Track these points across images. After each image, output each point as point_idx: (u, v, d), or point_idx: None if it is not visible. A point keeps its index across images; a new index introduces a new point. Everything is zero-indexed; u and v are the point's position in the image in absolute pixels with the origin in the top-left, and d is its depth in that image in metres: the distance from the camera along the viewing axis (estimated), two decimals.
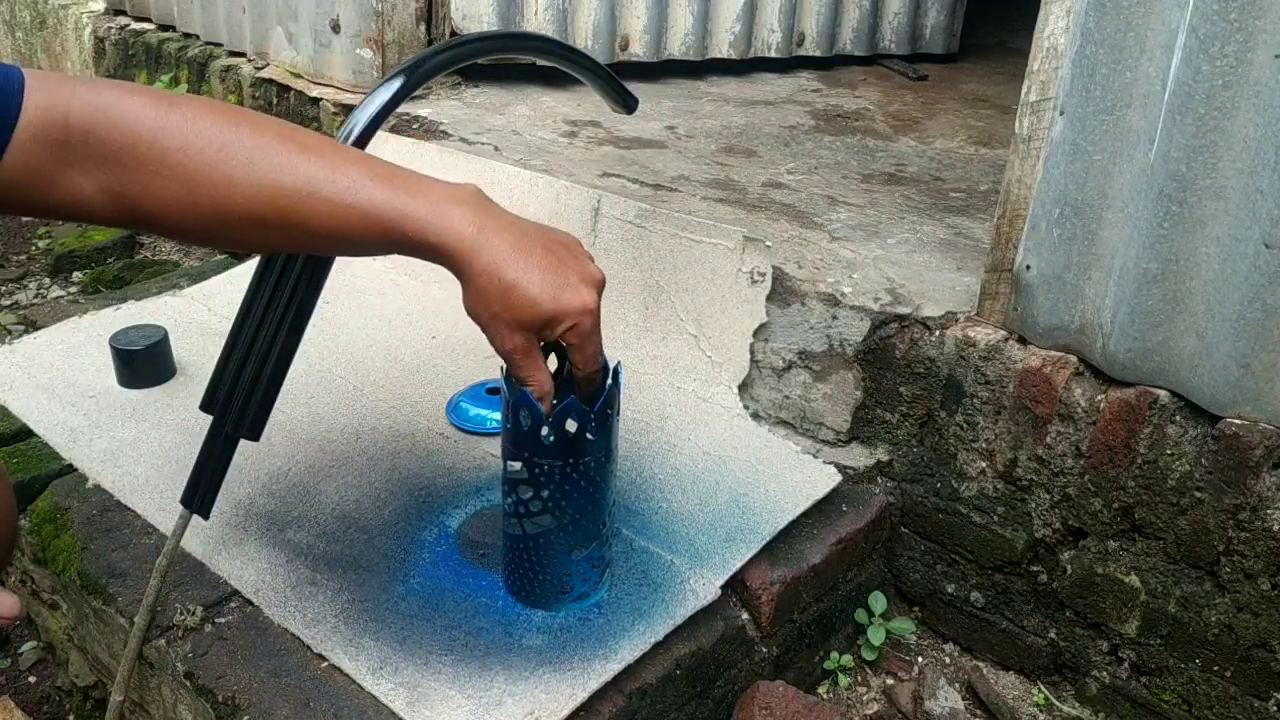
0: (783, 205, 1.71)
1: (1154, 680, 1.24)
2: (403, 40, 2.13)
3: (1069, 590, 1.27)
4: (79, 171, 0.71)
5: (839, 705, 1.31)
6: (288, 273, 0.99)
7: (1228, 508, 1.12)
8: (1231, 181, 1.02)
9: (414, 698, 0.97)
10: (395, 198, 0.76)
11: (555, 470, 0.97)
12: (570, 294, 0.81)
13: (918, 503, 1.38)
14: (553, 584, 1.05)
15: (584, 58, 1.34)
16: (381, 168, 0.78)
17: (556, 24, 2.22)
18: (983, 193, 1.84)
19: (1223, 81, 1.00)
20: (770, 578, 1.19)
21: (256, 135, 0.73)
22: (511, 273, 0.78)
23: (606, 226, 1.58)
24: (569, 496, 0.99)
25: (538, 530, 1.01)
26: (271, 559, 1.13)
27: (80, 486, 1.26)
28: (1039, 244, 1.19)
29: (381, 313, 1.69)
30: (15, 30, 3.29)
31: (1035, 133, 1.17)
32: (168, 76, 2.62)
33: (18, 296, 2.39)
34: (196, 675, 1.02)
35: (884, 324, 1.35)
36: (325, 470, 1.29)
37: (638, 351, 1.54)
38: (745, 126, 2.17)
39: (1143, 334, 1.12)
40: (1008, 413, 1.26)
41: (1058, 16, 1.13)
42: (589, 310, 0.83)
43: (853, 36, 2.72)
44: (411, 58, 1.07)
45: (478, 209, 0.79)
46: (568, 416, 0.94)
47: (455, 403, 1.43)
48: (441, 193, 0.78)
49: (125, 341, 1.44)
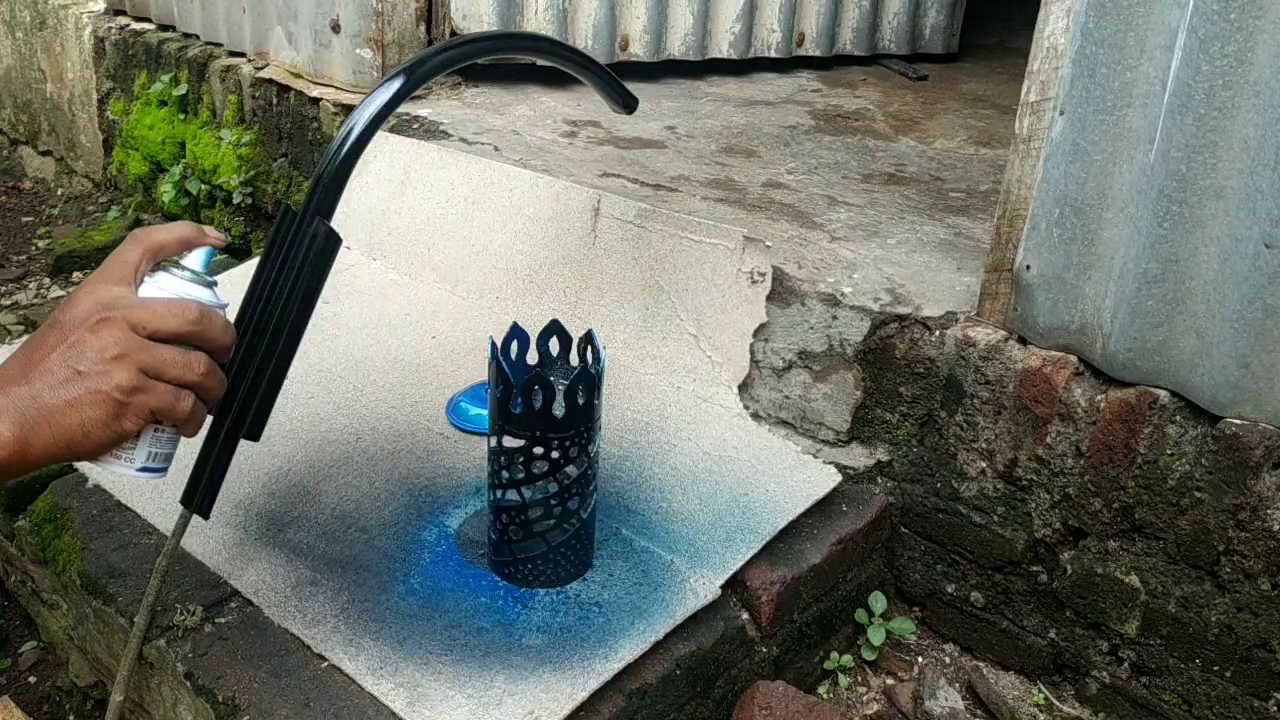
0: (783, 205, 1.71)
1: (1154, 680, 1.24)
2: (403, 40, 2.13)
3: (1069, 590, 1.27)
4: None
5: (839, 705, 1.31)
6: (288, 273, 0.99)
7: (1228, 508, 1.12)
8: (1231, 181, 1.02)
9: (414, 698, 0.97)
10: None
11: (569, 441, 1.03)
12: (82, 412, 0.77)
13: (918, 503, 1.38)
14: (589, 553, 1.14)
15: (584, 58, 1.34)
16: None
17: (556, 24, 2.22)
18: (983, 193, 1.84)
19: (1223, 81, 1.00)
20: (770, 577, 1.19)
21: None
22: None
23: (606, 226, 1.58)
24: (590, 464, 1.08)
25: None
26: (271, 559, 1.13)
27: (80, 486, 1.26)
28: (1039, 244, 1.19)
29: (381, 313, 1.69)
30: (15, 30, 3.29)
31: (1035, 133, 1.17)
32: (167, 77, 2.62)
33: (18, 296, 2.39)
34: (196, 675, 1.02)
35: (884, 324, 1.35)
36: (325, 470, 1.29)
37: (638, 351, 1.54)
38: (745, 126, 2.17)
39: (1143, 334, 1.12)
40: (1008, 413, 1.26)
41: (1058, 16, 1.13)
42: (107, 399, 0.77)
43: (853, 36, 2.72)
44: (411, 58, 1.07)
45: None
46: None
47: (455, 403, 1.43)
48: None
49: None
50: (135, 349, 0.77)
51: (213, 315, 0.83)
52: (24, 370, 0.78)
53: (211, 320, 0.82)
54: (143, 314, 0.79)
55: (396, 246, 1.84)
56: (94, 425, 0.77)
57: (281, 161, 2.32)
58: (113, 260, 0.83)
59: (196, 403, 0.82)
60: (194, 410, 0.82)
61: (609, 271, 1.58)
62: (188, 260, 0.86)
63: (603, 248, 1.58)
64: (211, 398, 0.84)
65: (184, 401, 0.81)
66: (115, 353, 0.77)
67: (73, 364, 0.77)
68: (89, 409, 0.76)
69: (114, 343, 0.77)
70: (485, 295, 1.71)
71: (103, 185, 3.03)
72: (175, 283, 0.84)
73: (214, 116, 2.53)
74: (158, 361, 0.78)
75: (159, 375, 0.79)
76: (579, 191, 1.62)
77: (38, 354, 0.78)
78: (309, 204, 0.99)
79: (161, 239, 0.84)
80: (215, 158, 2.46)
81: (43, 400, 0.76)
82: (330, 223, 1.00)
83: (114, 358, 0.77)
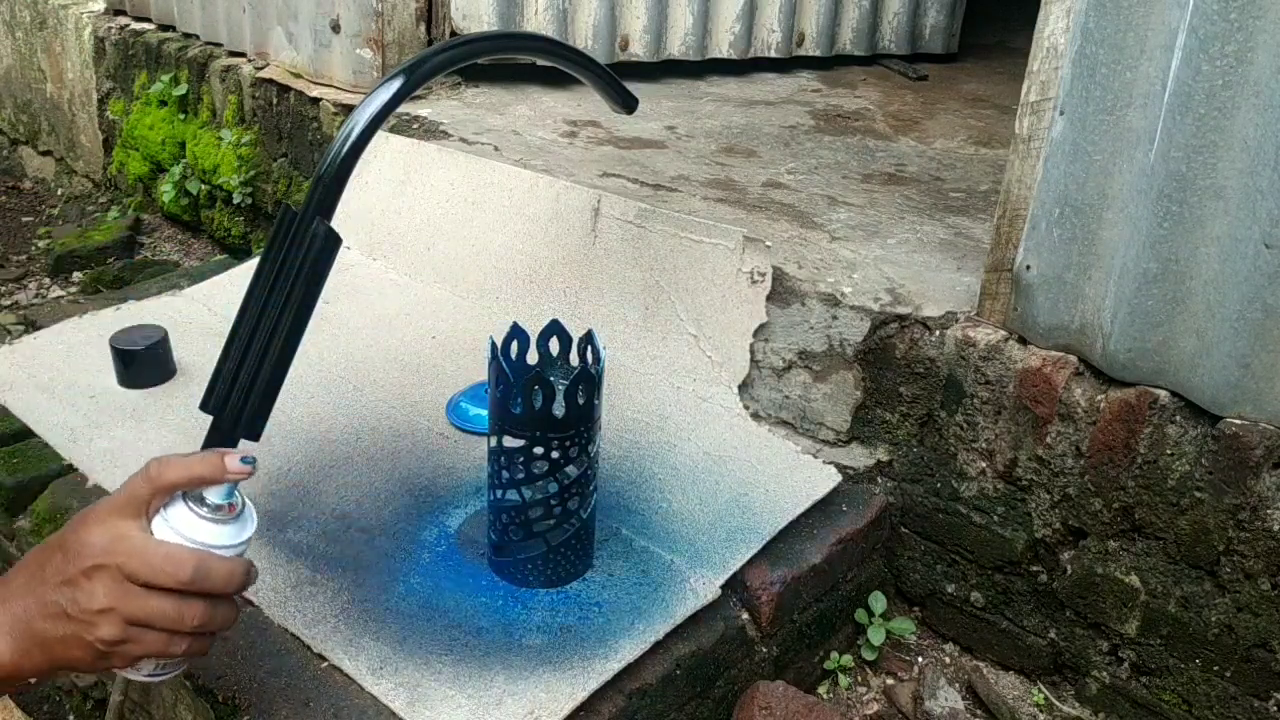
0: (783, 205, 1.71)
1: (1154, 680, 1.24)
2: (403, 40, 2.13)
3: (1069, 590, 1.27)
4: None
5: (839, 705, 1.31)
6: (288, 272, 0.99)
7: (1228, 508, 1.12)
8: (1231, 181, 1.02)
9: (414, 698, 0.97)
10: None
11: (570, 441, 1.03)
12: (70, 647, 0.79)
13: (918, 503, 1.38)
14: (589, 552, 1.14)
15: (584, 58, 1.34)
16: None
17: (556, 24, 2.22)
18: (983, 193, 1.84)
19: (1223, 81, 1.00)
20: (770, 577, 1.19)
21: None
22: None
23: (606, 226, 1.58)
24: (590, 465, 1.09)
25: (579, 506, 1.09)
26: (271, 559, 1.13)
27: (80, 486, 1.26)
28: (1039, 244, 1.19)
29: (382, 313, 1.69)
30: (15, 30, 3.29)
31: (1035, 133, 1.17)
32: (167, 77, 2.62)
33: (18, 296, 2.40)
34: (196, 675, 1.02)
35: (884, 324, 1.35)
36: (325, 470, 1.29)
37: (638, 351, 1.54)
38: (745, 126, 2.17)
39: (1143, 334, 1.12)
40: (1008, 413, 1.26)
41: (1058, 16, 1.13)
42: (90, 647, 0.79)
43: (853, 36, 2.72)
44: (411, 58, 1.07)
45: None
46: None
47: (455, 403, 1.43)
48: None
49: (125, 341, 1.44)
50: (123, 601, 0.78)
51: (210, 567, 0.80)
52: (29, 585, 0.80)
53: (208, 573, 0.80)
54: (136, 564, 0.78)
55: (396, 246, 1.84)
56: (81, 663, 0.80)
57: (281, 161, 2.32)
58: (127, 489, 0.82)
59: (196, 639, 0.82)
60: (191, 646, 0.82)
61: (609, 271, 1.58)
62: (210, 496, 0.83)
63: (603, 248, 1.58)
64: (215, 629, 0.83)
65: (177, 645, 0.80)
66: (102, 605, 0.77)
67: (64, 605, 0.78)
68: (75, 649, 0.78)
69: (104, 594, 0.77)
70: (485, 295, 1.71)
71: (103, 185, 3.03)
72: (187, 521, 0.82)
73: (214, 116, 2.53)
74: (145, 614, 0.78)
75: (147, 625, 0.79)
76: (579, 191, 1.62)
77: (39, 574, 0.80)
78: (309, 204, 0.99)
79: (174, 478, 0.82)
80: (215, 158, 2.46)
81: (36, 627, 0.78)
82: (330, 223, 1.00)
83: (99, 610, 0.77)
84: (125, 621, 0.78)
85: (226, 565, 0.82)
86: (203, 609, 0.80)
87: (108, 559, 0.78)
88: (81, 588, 0.78)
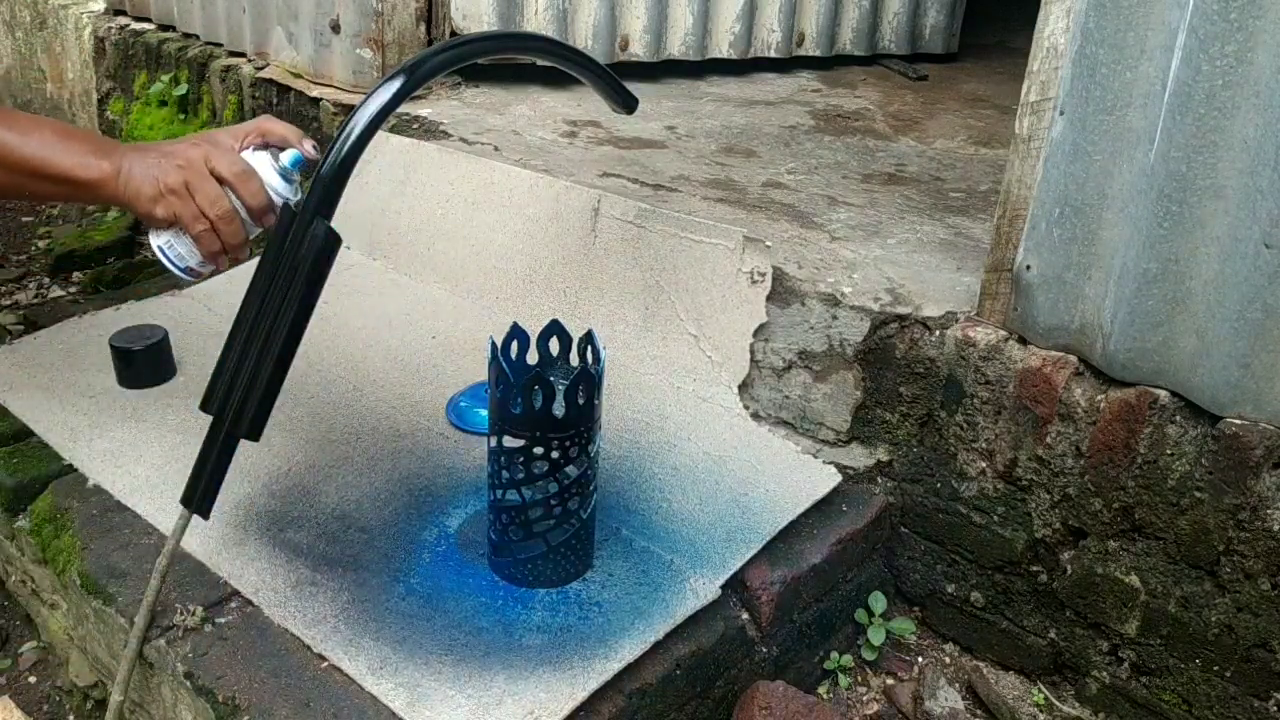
0: (783, 205, 1.71)
1: (1154, 680, 1.24)
2: (403, 40, 2.13)
3: (1069, 590, 1.27)
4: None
5: (839, 705, 1.31)
6: (288, 273, 0.99)
7: (1228, 508, 1.12)
8: (1231, 181, 1.02)
9: (414, 698, 0.97)
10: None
11: (569, 442, 1.04)
12: (167, 166, 1.09)
13: (918, 503, 1.38)
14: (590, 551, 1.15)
15: (584, 58, 1.33)
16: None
17: (556, 24, 2.22)
18: (983, 193, 1.84)
19: (1223, 81, 1.00)
20: (770, 577, 1.19)
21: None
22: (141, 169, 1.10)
23: (606, 226, 1.58)
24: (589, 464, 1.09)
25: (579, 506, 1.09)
26: (271, 559, 1.13)
27: (80, 486, 1.26)
28: (1039, 244, 1.19)
29: (381, 313, 1.69)
30: (15, 30, 3.29)
31: (1035, 133, 1.17)
32: (167, 77, 2.62)
33: (18, 296, 2.39)
34: (196, 675, 1.02)
35: (884, 324, 1.35)
36: (325, 470, 1.29)
37: (638, 351, 1.54)
38: (745, 126, 2.17)
39: (1143, 334, 1.12)
40: (1008, 413, 1.26)
41: (1058, 16, 1.13)
42: (156, 184, 1.09)
43: (853, 36, 2.72)
44: (411, 58, 1.07)
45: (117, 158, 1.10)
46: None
47: (455, 403, 1.43)
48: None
49: (125, 341, 1.44)
50: (194, 169, 1.08)
51: (256, 185, 1.09)
52: (146, 147, 1.11)
53: (248, 183, 1.09)
54: (215, 154, 1.09)
55: (396, 246, 1.84)
56: (142, 197, 1.09)
57: None
58: (238, 125, 1.15)
59: (207, 233, 1.09)
60: (202, 235, 1.09)
61: (609, 271, 1.58)
62: (283, 156, 1.12)
63: (603, 248, 1.58)
64: (225, 241, 1.10)
65: (197, 224, 1.08)
66: (181, 162, 1.08)
67: (159, 154, 1.10)
68: (145, 185, 1.08)
69: (187, 160, 1.08)
70: (485, 295, 1.71)
71: None
72: (261, 160, 1.11)
73: (214, 116, 2.53)
74: (198, 185, 1.08)
75: (193, 193, 1.08)
76: (579, 191, 1.62)
77: (160, 145, 1.12)
78: (309, 204, 0.99)
79: (269, 128, 1.13)
80: None
81: (133, 163, 1.09)
82: (330, 223, 1.00)
83: (178, 165, 1.08)
84: (185, 181, 1.07)
85: (267, 194, 1.10)
86: (230, 211, 1.09)
87: (202, 145, 1.10)
88: (179, 152, 1.09)
